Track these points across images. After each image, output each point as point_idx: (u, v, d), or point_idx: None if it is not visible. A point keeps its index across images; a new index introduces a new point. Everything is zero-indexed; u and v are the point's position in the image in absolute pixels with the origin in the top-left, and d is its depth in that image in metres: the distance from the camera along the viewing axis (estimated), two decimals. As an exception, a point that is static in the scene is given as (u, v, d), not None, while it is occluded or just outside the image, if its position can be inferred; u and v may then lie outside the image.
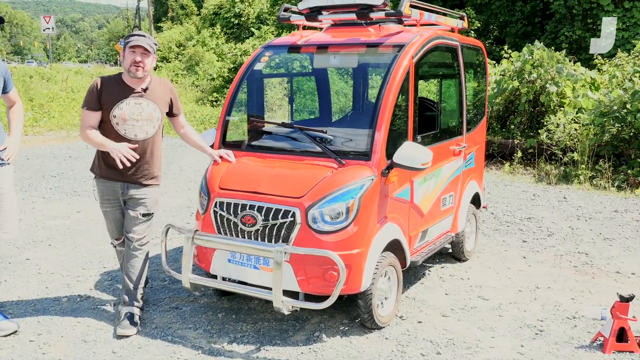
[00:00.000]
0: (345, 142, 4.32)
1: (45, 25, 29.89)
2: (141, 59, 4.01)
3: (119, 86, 4.09)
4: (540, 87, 10.95)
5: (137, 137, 4.09)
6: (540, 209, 7.73)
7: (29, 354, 3.82)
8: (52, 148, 12.43)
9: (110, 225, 4.39)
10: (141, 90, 4.09)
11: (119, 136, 4.07)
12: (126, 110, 4.04)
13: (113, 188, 4.19)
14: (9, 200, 4.01)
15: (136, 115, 4.06)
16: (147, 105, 4.10)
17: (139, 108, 4.07)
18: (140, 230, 4.21)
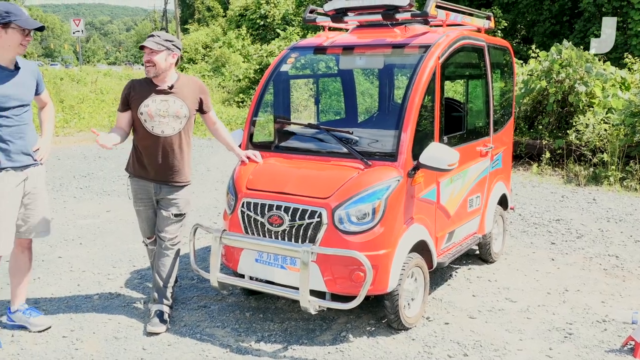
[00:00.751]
0: (372, 143, 4.33)
1: (75, 28, 30.33)
2: (149, 57, 4.10)
3: (147, 85, 4.20)
4: (569, 87, 10.81)
5: (164, 133, 4.17)
6: (569, 210, 7.64)
7: (62, 349, 3.91)
8: (82, 149, 12.64)
9: (143, 224, 4.47)
10: (167, 88, 4.18)
11: (147, 133, 4.18)
12: (152, 107, 4.14)
13: (146, 187, 4.27)
14: (42, 199, 4.11)
15: (162, 111, 4.15)
16: (173, 102, 4.17)
17: (165, 105, 4.16)
18: (172, 230, 4.28)
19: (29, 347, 3.94)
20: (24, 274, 4.22)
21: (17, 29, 3.74)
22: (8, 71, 3.83)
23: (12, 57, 3.83)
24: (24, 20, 3.76)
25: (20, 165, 3.90)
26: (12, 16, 3.71)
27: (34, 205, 4.05)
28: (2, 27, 3.71)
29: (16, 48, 3.80)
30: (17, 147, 3.87)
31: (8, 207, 3.83)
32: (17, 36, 3.76)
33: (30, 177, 3.98)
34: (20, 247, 4.13)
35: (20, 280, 4.21)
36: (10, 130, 3.83)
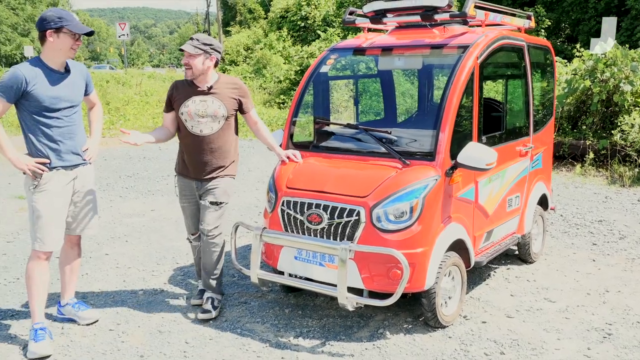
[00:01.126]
0: (410, 142, 4.38)
1: (121, 32, 31.07)
2: (187, 60, 4.26)
3: (188, 86, 4.37)
4: (614, 86, 10.60)
5: (203, 132, 4.33)
6: (612, 211, 7.53)
7: (108, 341, 4.07)
8: (128, 149, 12.96)
9: (187, 220, 4.62)
10: (206, 89, 4.31)
11: (188, 132, 4.35)
12: (192, 108, 4.30)
13: (190, 184, 4.44)
14: (91, 198, 4.28)
15: (201, 111, 4.30)
16: (212, 102, 4.31)
17: (204, 105, 4.30)
18: (210, 221, 4.37)
19: (77, 340, 4.12)
20: (74, 269, 4.40)
21: (69, 34, 3.91)
22: (59, 74, 3.99)
23: (62, 60, 4.00)
24: (75, 25, 3.92)
25: (70, 165, 4.06)
26: (64, 21, 3.87)
27: (84, 203, 4.22)
28: (54, 31, 3.87)
29: (67, 52, 3.96)
30: (67, 147, 4.03)
31: (59, 205, 4.01)
32: (68, 40, 3.93)
33: (79, 176, 4.14)
34: (70, 244, 4.31)
35: (70, 275, 4.39)
36: (61, 131, 4.00)
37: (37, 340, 3.92)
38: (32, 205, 3.94)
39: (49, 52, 3.94)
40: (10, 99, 3.83)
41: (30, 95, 3.84)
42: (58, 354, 3.91)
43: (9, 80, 3.80)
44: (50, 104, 3.91)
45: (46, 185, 3.93)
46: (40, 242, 3.95)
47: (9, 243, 6.35)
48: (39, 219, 3.93)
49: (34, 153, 3.96)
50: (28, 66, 3.89)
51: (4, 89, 3.80)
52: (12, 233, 6.70)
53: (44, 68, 3.92)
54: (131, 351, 3.94)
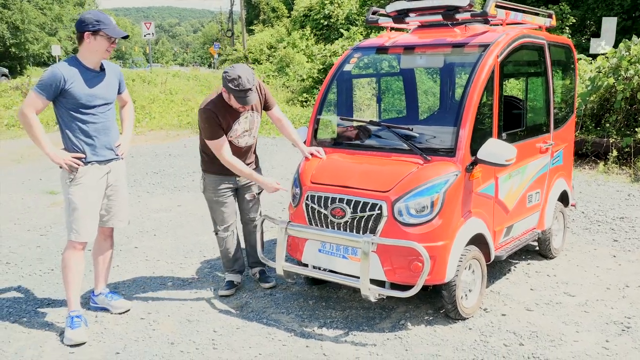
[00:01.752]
0: (431, 139, 4.49)
1: (146, 31, 31.46)
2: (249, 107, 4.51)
3: (228, 110, 4.49)
4: (638, 84, 10.56)
5: (248, 143, 4.65)
6: (634, 208, 7.54)
7: (140, 329, 4.25)
8: (154, 147, 13.22)
9: (220, 214, 4.78)
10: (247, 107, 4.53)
11: (235, 147, 4.59)
12: (239, 128, 4.54)
13: (228, 180, 4.68)
14: (123, 191, 4.47)
15: (247, 127, 4.58)
16: (250, 115, 4.58)
17: (248, 122, 4.58)
18: (256, 209, 4.84)
19: (110, 327, 4.30)
20: (106, 260, 4.59)
21: (105, 37, 4.09)
22: (95, 72, 4.19)
23: (98, 60, 4.19)
24: (112, 29, 4.11)
25: (104, 160, 4.26)
26: (101, 25, 4.06)
27: (116, 196, 4.41)
28: (92, 34, 4.06)
29: (102, 53, 4.15)
30: (102, 143, 4.23)
31: (94, 198, 4.20)
32: (105, 43, 4.11)
33: (112, 170, 4.33)
34: (103, 235, 4.49)
35: (103, 266, 4.58)
36: (96, 127, 4.19)
37: (74, 327, 4.12)
38: (69, 198, 4.13)
39: (86, 52, 4.13)
40: (50, 96, 4.03)
41: (68, 93, 4.03)
42: (93, 340, 4.10)
43: (49, 78, 4.00)
44: (86, 101, 4.10)
45: (82, 179, 4.12)
46: (76, 232, 4.14)
47: (43, 236, 6.58)
48: (75, 211, 4.12)
49: (70, 148, 4.15)
50: (66, 65, 4.08)
51: (43, 87, 4.00)
52: (45, 227, 6.93)
53: (81, 67, 4.11)
54: (162, 338, 4.12)
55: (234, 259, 4.89)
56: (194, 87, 25.85)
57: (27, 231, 6.77)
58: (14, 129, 15.85)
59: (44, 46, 56.25)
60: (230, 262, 4.90)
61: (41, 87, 4.00)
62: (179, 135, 15.12)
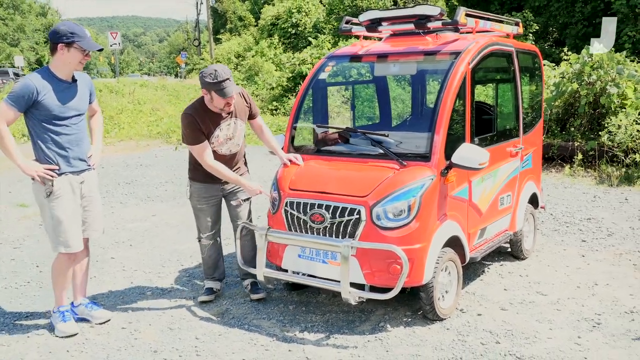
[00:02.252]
0: (406, 144, 4.60)
1: (112, 41, 31.18)
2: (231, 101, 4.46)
3: (209, 115, 4.51)
4: (601, 88, 10.88)
5: (232, 151, 4.64)
6: (600, 210, 7.78)
7: (122, 338, 4.26)
8: (124, 157, 13.14)
9: (204, 221, 4.81)
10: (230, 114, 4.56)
11: (218, 155, 4.56)
12: (221, 135, 4.54)
13: (213, 187, 4.67)
14: (97, 201, 4.47)
15: (230, 134, 4.57)
16: (234, 123, 4.58)
17: (230, 129, 4.57)
18: (244, 215, 4.77)
19: (92, 337, 4.30)
20: (84, 270, 4.58)
21: (79, 49, 4.09)
22: (67, 84, 4.19)
23: (70, 72, 4.19)
24: (86, 42, 4.12)
25: (77, 170, 4.26)
26: (75, 37, 4.06)
27: (91, 207, 4.41)
28: (66, 45, 4.06)
29: (75, 65, 4.15)
30: (75, 154, 4.23)
31: (74, 207, 4.22)
32: (78, 55, 4.11)
33: (86, 181, 4.33)
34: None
35: (82, 276, 4.57)
36: (69, 138, 4.19)
37: (65, 320, 4.29)
38: (51, 213, 4.13)
39: (59, 64, 4.13)
40: (22, 108, 4.01)
41: (41, 105, 4.03)
42: (75, 351, 4.09)
43: (21, 90, 3.99)
44: (59, 113, 4.10)
45: (60, 191, 4.13)
46: (64, 245, 4.18)
47: (16, 249, 6.51)
48: (61, 224, 4.13)
49: (42, 159, 4.14)
50: (39, 77, 4.07)
51: (15, 99, 3.98)
52: (17, 239, 6.86)
53: (53, 78, 4.11)
54: (144, 347, 4.13)
55: (214, 267, 4.93)
56: (162, 96, 25.72)
57: (0, 244, 6.69)
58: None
59: (5, 57, 55.29)
60: (211, 270, 4.93)
61: (13, 99, 3.98)
62: (149, 145, 15.04)
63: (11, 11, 59.33)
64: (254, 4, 50.61)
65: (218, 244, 4.93)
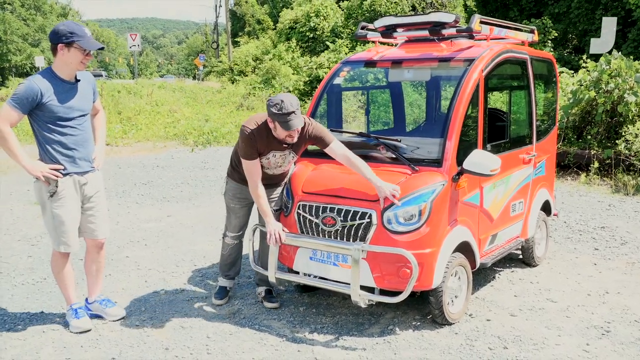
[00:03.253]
0: (419, 150, 4.63)
1: (132, 42, 31.56)
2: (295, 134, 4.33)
3: (268, 139, 4.39)
4: (618, 97, 10.83)
5: (275, 173, 4.63)
6: (615, 218, 7.75)
7: (135, 336, 4.34)
8: (141, 158, 13.28)
9: (234, 221, 4.85)
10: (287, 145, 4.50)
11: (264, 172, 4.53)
12: (272, 160, 4.52)
13: (247, 190, 4.60)
14: (103, 203, 4.53)
15: (280, 163, 4.57)
16: (289, 153, 4.55)
17: (283, 158, 4.55)
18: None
19: (105, 334, 4.38)
20: (99, 270, 4.67)
21: (79, 49, 4.11)
22: (70, 84, 4.22)
23: (73, 72, 4.21)
24: (86, 42, 4.12)
25: (82, 171, 4.32)
26: (75, 37, 4.07)
27: (98, 208, 4.47)
28: (65, 45, 4.08)
29: (77, 65, 4.17)
30: (81, 154, 4.28)
31: (76, 208, 4.29)
32: (79, 55, 4.13)
33: (89, 182, 4.37)
34: (95, 247, 4.57)
35: (96, 274, 4.66)
36: (75, 139, 4.24)
37: (79, 317, 4.40)
38: (53, 212, 4.21)
39: (60, 64, 4.16)
40: (25, 110, 4.04)
41: (45, 107, 4.07)
42: (89, 346, 4.18)
43: (25, 92, 4.01)
44: (64, 114, 4.14)
45: (63, 192, 4.20)
46: (65, 245, 4.27)
47: (33, 246, 6.63)
48: (62, 224, 4.22)
49: (47, 160, 4.19)
50: (42, 78, 4.10)
51: (19, 101, 4.01)
52: (35, 237, 6.98)
53: (56, 79, 4.15)
54: (156, 344, 4.21)
55: (231, 265, 4.99)
56: (180, 98, 25.92)
57: (18, 241, 6.82)
58: None
59: (26, 57, 56.00)
60: (227, 267, 4.99)
61: (16, 101, 4.01)
62: (166, 146, 15.18)
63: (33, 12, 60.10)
64: (272, 7, 50.86)
65: (241, 245, 4.99)
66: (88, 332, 4.38)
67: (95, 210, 4.45)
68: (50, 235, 4.33)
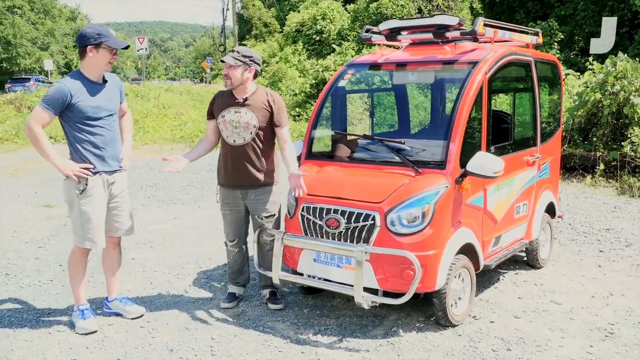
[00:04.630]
0: (422, 152, 4.66)
1: (139, 46, 31.62)
2: (227, 71, 4.55)
3: (226, 97, 4.66)
4: (624, 99, 10.80)
5: (236, 142, 4.60)
6: (620, 220, 7.73)
7: (140, 337, 4.37)
8: (148, 160, 13.35)
9: (227, 228, 4.88)
10: (242, 100, 4.60)
11: (224, 141, 4.65)
12: (227, 118, 4.60)
13: (233, 193, 4.70)
14: (127, 202, 4.62)
15: (235, 122, 4.58)
16: (245, 113, 4.58)
17: (238, 116, 4.58)
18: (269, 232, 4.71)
19: (111, 335, 4.42)
20: (117, 268, 4.76)
21: (107, 49, 4.27)
22: (98, 85, 4.35)
23: (101, 73, 4.36)
24: (113, 41, 4.29)
25: (111, 170, 4.43)
26: (102, 37, 4.24)
27: (123, 207, 4.58)
28: (94, 47, 4.23)
29: (105, 65, 4.33)
30: (109, 153, 4.41)
31: (101, 206, 4.38)
32: (107, 55, 4.29)
33: (117, 181, 4.50)
34: (112, 245, 4.67)
35: (114, 274, 4.75)
36: (104, 139, 4.36)
37: (85, 318, 4.45)
38: (81, 209, 4.30)
39: (89, 66, 4.30)
40: (57, 111, 4.19)
41: (75, 107, 4.20)
42: (94, 347, 4.21)
43: (55, 93, 4.17)
44: (93, 114, 4.27)
45: (92, 190, 4.30)
46: (91, 241, 4.36)
47: (41, 248, 6.68)
48: (89, 221, 4.30)
49: (78, 160, 4.31)
50: (71, 80, 4.25)
51: (50, 102, 4.16)
52: (42, 239, 7.03)
53: (85, 81, 4.29)
54: (161, 345, 4.24)
55: (239, 272, 5.00)
56: (187, 101, 26.03)
57: (25, 243, 6.87)
58: (8, 143, 15.94)
59: (35, 61, 56.28)
60: (235, 274, 5.00)
61: (48, 102, 4.16)
62: (172, 149, 15.25)
63: (42, 16, 60.39)
64: (279, 10, 50.95)
65: (243, 251, 4.97)
66: (94, 334, 4.42)
67: (120, 210, 4.56)
68: (75, 232, 4.40)
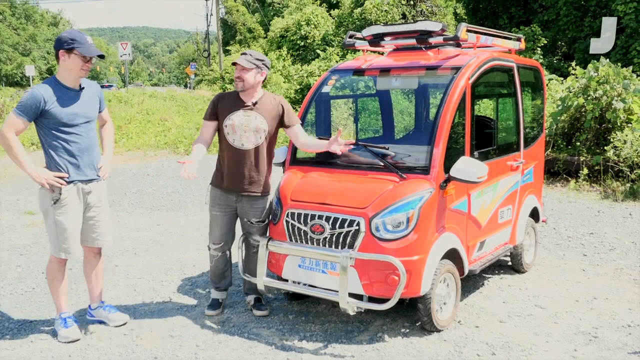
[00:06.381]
0: (406, 157, 4.66)
1: (122, 51, 31.53)
2: (239, 74, 4.51)
3: (233, 100, 4.61)
4: (607, 103, 10.91)
5: (244, 146, 4.57)
6: (603, 224, 7.80)
7: (124, 345, 4.32)
8: (131, 167, 13.25)
9: (215, 229, 4.81)
10: (251, 104, 4.57)
11: (229, 145, 4.58)
12: (236, 121, 4.55)
13: (227, 196, 4.66)
14: (106, 211, 4.56)
15: (244, 126, 4.55)
16: (255, 117, 4.56)
17: (247, 120, 4.55)
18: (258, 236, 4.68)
19: (94, 343, 4.37)
20: (98, 274, 4.70)
21: (79, 55, 4.19)
22: (74, 91, 4.28)
23: (75, 79, 4.28)
24: (86, 49, 4.20)
25: (87, 179, 4.34)
26: (75, 43, 4.16)
27: (101, 216, 4.50)
28: (66, 52, 4.17)
29: (78, 72, 4.24)
30: (85, 162, 4.32)
31: (76, 215, 4.30)
32: (79, 62, 4.20)
33: (93, 191, 4.41)
34: (92, 254, 4.60)
35: (96, 282, 4.69)
36: (79, 147, 4.28)
37: (67, 326, 4.39)
38: (55, 219, 4.22)
39: (62, 71, 4.25)
40: (30, 117, 4.12)
41: (49, 113, 4.13)
42: (77, 356, 4.16)
43: (28, 100, 4.10)
44: (68, 120, 4.19)
45: (67, 200, 4.22)
46: (66, 252, 4.28)
47: (22, 256, 6.60)
48: (64, 231, 4.23)
49: (53, 167, 4.23)
50: (45, 86, 4.18)
51: (24, 109, 4.10)
52: (24, 246, 6.95)
53: (60, 87, 4.22)
54: (146, 353, 4.19)
55: (221, 276, 4.94)
56: (171, 107, 25.90)
57: (6, 251, 6.79)
58: (-10, 150, 15.74)
59: (17, 66, 55.85)
60: (217, 279, 4.95)
61: (21, 109, 4.09)
62: (156, 155, 15.16)
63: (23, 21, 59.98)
64: (263, 16, 50.97)
65: (227, 256, 4.92)
66: (77, 342, 4.36)
67: (97, 220, 4.48)
68: (50, 241, 4.34)
